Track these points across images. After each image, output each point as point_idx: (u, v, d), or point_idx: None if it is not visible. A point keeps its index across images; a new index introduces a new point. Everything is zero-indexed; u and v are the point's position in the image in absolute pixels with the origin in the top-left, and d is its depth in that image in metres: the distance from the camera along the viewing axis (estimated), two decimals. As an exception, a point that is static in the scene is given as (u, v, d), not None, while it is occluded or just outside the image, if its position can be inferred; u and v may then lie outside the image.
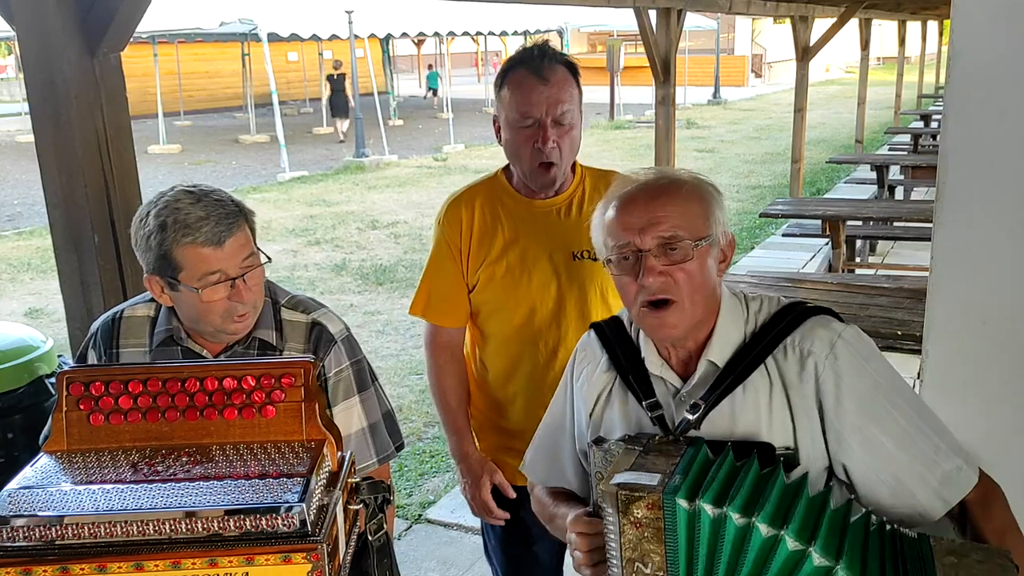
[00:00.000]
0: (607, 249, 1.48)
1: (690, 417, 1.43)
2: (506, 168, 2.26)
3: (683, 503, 1.22)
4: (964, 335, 1.56)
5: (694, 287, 1.42)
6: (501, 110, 2.13)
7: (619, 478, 1.27)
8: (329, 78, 20.10)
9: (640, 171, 1.55)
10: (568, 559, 2.39)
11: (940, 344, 1.60)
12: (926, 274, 5.42)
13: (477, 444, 2.33)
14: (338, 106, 20.01)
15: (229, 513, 1.09)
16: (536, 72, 2.05)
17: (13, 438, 2.78)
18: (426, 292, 2.28)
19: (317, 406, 1.27)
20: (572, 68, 2.11)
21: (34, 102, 2.55)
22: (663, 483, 1.24)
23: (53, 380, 2.91)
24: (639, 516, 1.23)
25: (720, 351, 1.47)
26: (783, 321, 1.46)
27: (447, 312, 2.27)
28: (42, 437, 2.05)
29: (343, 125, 20.34)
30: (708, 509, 1.21)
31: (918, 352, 4.07)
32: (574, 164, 2.22)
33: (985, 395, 1.56)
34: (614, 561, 1.27)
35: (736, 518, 1.20)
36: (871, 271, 6.94)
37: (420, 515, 4.16)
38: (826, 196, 11.43)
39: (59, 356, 3.04)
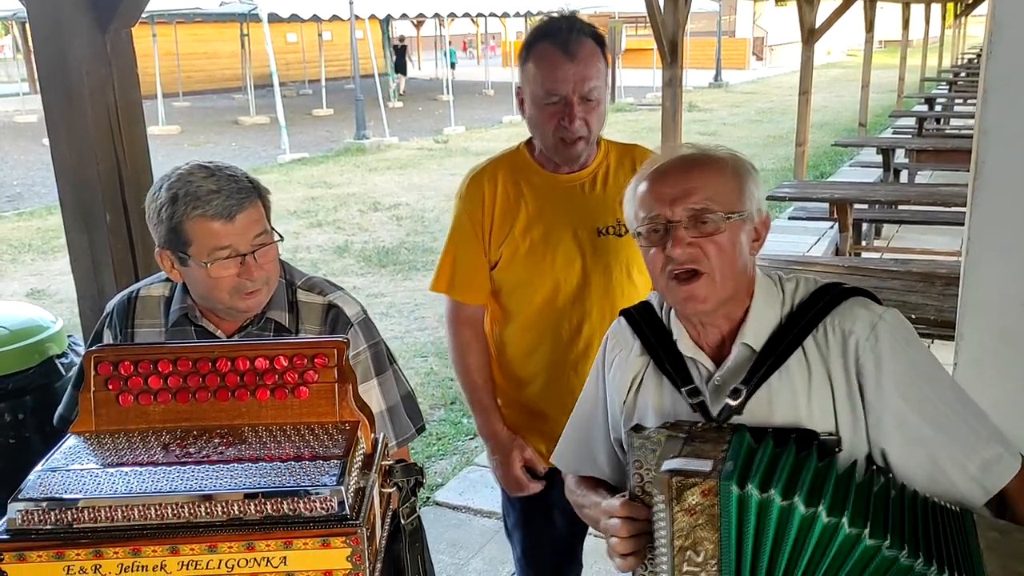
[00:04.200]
0: (637, 221, 1.45)
1: (732, 403, 1.39)
2: (528, 142, 2.21)
3: (737, 489, 1.19)
4: (1001, 319, 1.53)
5: (724, 261, 1.39)
6: (525, 84, 2.07)
7: (669, 464, 1.23)
8: (395, 47, 27.87)
9: (676, 146, 1.53)
10: (589, 544, 2.39)
11: (975, 328, 1.57)
12: (934, 258, 5.37)
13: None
14: (400, 66, 27.54)
15: (267, 496, 1.07)
16: (563, 48, 1.99)
17: (24, 419, 2.76)
18: (449, 268, 2.24)
19: (350, 387, 1.24)
20: (599, 40, 2.05)
21: (45, 79, 2.52)
22: (716, 469, 1.21)
23: (63, 360, 2.88)
24: (693, 503, 1.19)
25: (756, 334, 1.43)
26: (821, 301, 1.44)
27: (471, 289, 2.23)
28: (56, 417, 2.03)
29: (401, 81, 27.60)
30: (763, 495, 1.19)
31: (931, 336, 4.06)
32: (599, 139, 2.17)
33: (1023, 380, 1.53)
34: (662, 551, 1.24)
35: (802, 507, 1.18)
36: (878, 254, 6.90)
37: (428, 498, 4.14)
38: (831, 179, 11.39)
39: (69, 336, 3.01)
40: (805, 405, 1.39)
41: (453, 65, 30.56)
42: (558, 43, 2.00)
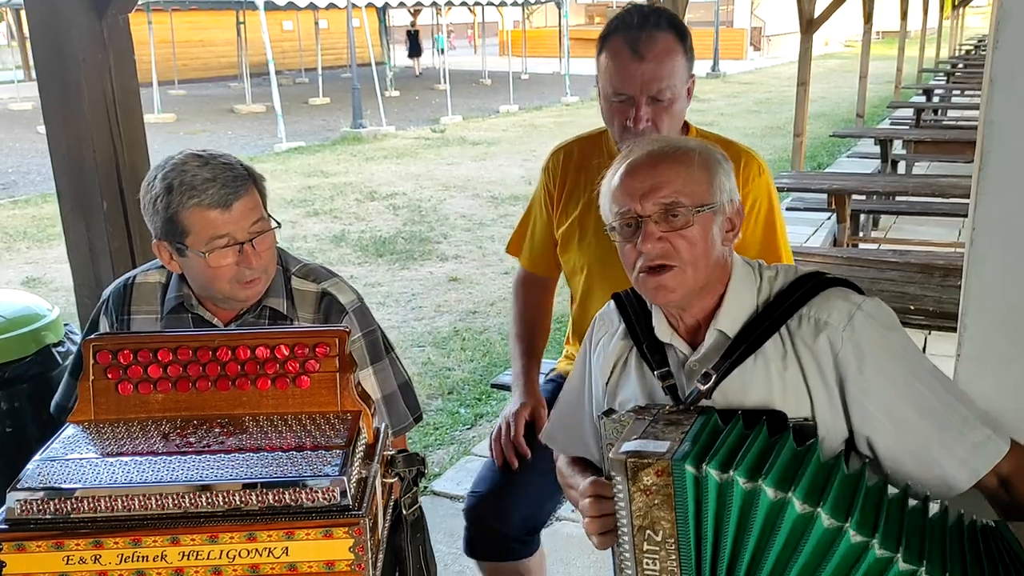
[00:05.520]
0: (611, 216, 1.47)
1: (701, 387, 1.41)
2: None
3: (691, 469, 1.21)
4: (1006, 310, 1.51)
5: (695, 254, 1.40)
6: (599, 75, 2.02)
7: (628, 446, 1.27)
8: (408, 32, 31.62)
9: (648, 139, 1.53)
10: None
11: (979, 319, 1.55)
12: (931, 249, 5.35)
13: None
14: (414, 49, 31.20)
15: (266, 486, 1.06)
16: (632, 46, 1.91)
17: (20, 407, 2.74)
18: (522, 235, 2.33)
19: (352, 376, 1.23)
20: (678, 31, 1.96)
21: (41, 66, 2.49)
22: (672, 450, 1.24)
23: (60, 349, 2.86)
24: (648, 483, 1.23)
25: (730, 320, 1.45)
26: (799, 291, 1.44)
27: (536, 260, 2.30)
28: (53, 406, 2.02)
29: (419, 63, 31.46)
30: (716, 475, 1.20)
31: (928, 328, 4.06)
32: (688, 128, 2.13)
33: (1027, 372, 1.52)
34: (624, 530, 1.27)
35: (742, 482, 1.19)
36: (875, 245, 6.90)
37: (425, 487, 4.13)
38: (828, 170, 11.38)
39: (65, 325, 2.99)
40: (780, 392, 1.40)
41: (442, 51, 31.82)
42: (628, 40, 1.92)
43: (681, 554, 1.23)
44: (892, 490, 1.29)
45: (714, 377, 1.41)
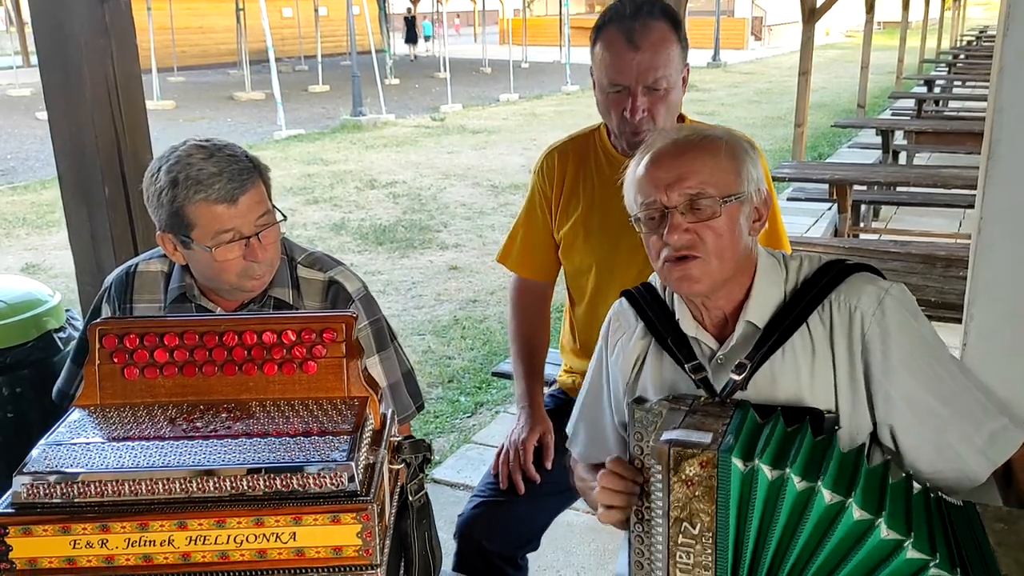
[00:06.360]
0: (636, 206, 1.45)
1: (736, 378, 1.39)
2: None
3: (739, 463, 1.18)
4: (1013, 300, 1.51)
5: (722, 245, 1.39)
6: (593, 66, 2.01)
7: (669, 435, 1.23)
8: (405, 19, 33.32)
9: (673, 127, 1.52)
10: (586, 522, 2.37)
11: (986, 309, 1.55)
12: (932, 239, 5.33)
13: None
14: (410, 37, 33.05)
15: (270, 471, 1.05)
16: (627, 36, 1.91)
17: (21, 392, 2.74)
18: (513, 240, 2.29)
19: (359, 362, 1.22)
20: (672, 20, 1.96)
21: (43, 50, 2.47)
22: (717, 442, 1.21)
23: (61, 335, 2.86)
24: (690, 474, 1.20)
25: (759, 311, 1.44)
26: (825, 278, 1.43)
27: (530, 264, 2.27)
28: (55, 392, 2.01)
29: (415, 49, 33.24)
30: (767, 470, 1.18)
31: (931, 318, 4.06)
32: (684, 120, 2.11)
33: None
34: (658, 521, 1.24)
35: (797, 481, 1.17)
36: (876, 236, 6.89)
37: (426, 475, 4.13)
38: (829, 160, 11.36)
39: (67, 310, 2.98)
40: (808, 383, 1.39)
41: (427, 38, 32.67)
42: (622, 30, 1.92)
43: (718, 548, 1.20)
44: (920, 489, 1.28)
45: (748, 367, 1.39)
